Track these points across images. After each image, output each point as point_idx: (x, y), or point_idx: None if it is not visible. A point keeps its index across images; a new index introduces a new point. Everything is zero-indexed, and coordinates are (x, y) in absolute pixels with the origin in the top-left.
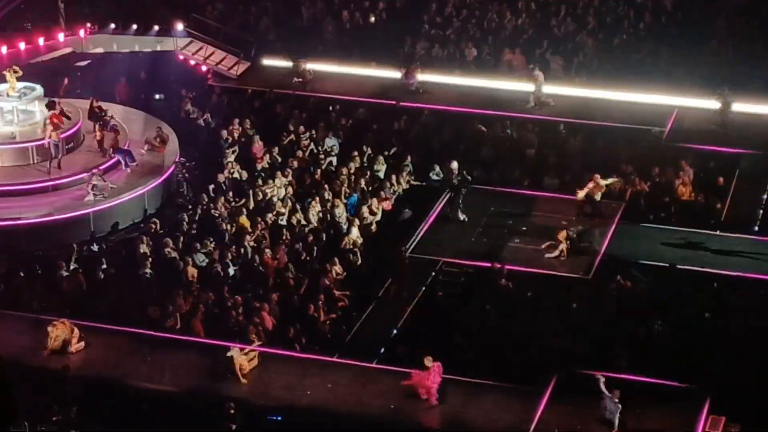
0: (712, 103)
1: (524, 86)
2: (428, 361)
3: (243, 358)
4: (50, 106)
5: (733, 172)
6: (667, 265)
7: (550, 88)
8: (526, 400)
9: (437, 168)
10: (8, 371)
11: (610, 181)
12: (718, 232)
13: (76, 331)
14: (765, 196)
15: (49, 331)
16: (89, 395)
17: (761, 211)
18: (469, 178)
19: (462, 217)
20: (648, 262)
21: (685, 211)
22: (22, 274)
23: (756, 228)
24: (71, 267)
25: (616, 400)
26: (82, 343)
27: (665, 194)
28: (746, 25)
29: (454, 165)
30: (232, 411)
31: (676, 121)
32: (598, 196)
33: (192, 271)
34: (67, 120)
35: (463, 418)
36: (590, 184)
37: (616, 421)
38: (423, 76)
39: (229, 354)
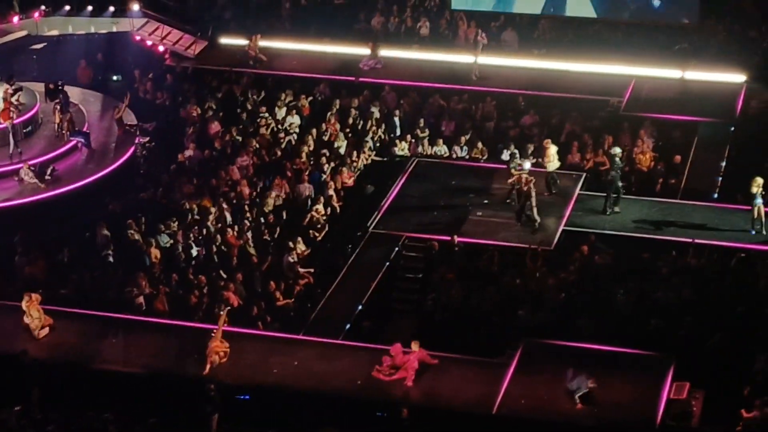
0: (670, 72)
1: (481, 59)
2: (415, 345)
3: (221, 346)
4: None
5: (692, 141)
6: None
7: (507, 61)
8: (493, 373)
9: (401, 144)
10: None
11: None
12: (677, 201)
13: (44, 317)
14: (723, 164)
15: (25, 307)
16: (53, 379)
17: (720, 179)
18: (618, 161)
19: (608, 211)
20: (609, 232)
21: (645, 180)
22: None
23: (715, 196)
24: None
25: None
26: (47, 329)
27: (625, 164)
28: None
29: (616, 150)
30: (212, 393)
31: (633, 91)
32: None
33: (155, 253)
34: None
35: (430, 391)
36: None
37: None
38: (382, 52)
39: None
